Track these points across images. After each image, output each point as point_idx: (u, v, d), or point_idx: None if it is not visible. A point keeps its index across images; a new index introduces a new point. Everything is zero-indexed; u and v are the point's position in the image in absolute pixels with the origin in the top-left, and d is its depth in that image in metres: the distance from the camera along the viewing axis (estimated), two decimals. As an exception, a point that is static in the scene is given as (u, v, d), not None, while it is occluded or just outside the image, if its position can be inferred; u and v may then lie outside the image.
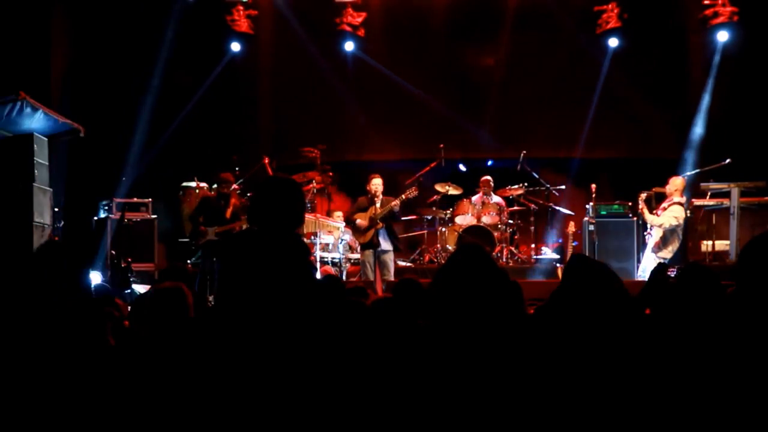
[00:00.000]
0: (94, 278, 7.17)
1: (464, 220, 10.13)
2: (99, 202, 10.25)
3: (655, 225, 8.88)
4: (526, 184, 10.46)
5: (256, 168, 10.66)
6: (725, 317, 2.55)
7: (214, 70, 11.66)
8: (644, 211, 9.02)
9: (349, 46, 11.85)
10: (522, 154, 10.55)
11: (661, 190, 9.28)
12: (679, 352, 2.43)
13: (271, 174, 10.49)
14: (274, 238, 3.15)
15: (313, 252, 9.71)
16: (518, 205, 10.52)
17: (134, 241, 9.67)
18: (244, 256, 3.16)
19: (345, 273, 9.68)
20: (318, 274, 9.26)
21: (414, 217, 10.85)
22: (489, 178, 10.46)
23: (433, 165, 10.60)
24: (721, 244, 9.56)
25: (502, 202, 10.36)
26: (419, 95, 11.88)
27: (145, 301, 3.57)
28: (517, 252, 10.23)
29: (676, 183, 9.04)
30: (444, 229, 10.42)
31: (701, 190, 9.81)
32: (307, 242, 9.72)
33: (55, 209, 8.98)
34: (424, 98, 11.89)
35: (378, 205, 8.94)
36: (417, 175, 10.30)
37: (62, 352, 2.99)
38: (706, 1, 10.96)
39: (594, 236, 9.54)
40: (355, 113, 12.06)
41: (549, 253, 10.58)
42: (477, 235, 9.61)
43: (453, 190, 10.44)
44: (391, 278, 8.72)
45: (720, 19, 10.86)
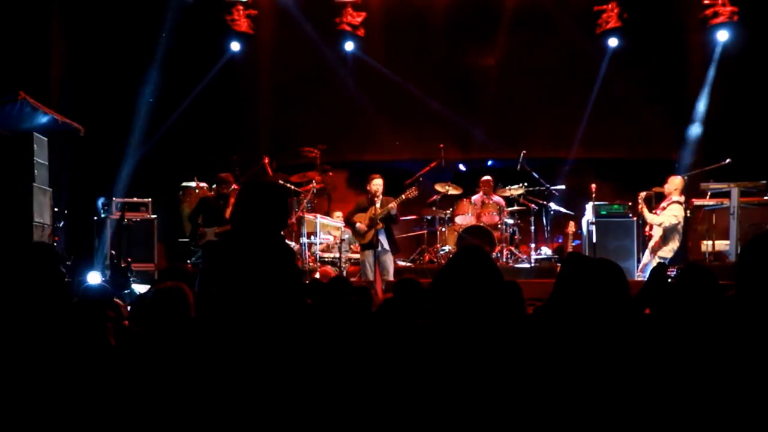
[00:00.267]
0: (94, 278, 7.16)
1: (464, 220, 10.13)
2: (99, 202, 10.25)
3: (655, 224, 8.91)
4: (526, 184, 10.46)
5: (256, 168, 10.65)
6: (725, 317, 2.55)
7: (213, 70, 11.66)
8: (644, 211, 9.05)
9: (349, 46, 11.85)
10: (522, 154, 10.54)
11: (660, 190, 9.29)
12: (679, 352, 2.43)
13: (270, 174, 10.49)
14: (258, 242, 3.15)
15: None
16: (518, 205, 10.52)
17: (134, 241, 9.67)
18: (228, 260, 3.15)
19: (345, 273, 9.67)
20: (317, 274, 9.27)
21: (414, 217, 10.85)
22: (489, 178, 10.46)
23: (433, 165, 10.60)
24: (721, 244, 9.54)
25: (502, 202, 10.36)
26: (419, 95, 11.88)
27: (146, 301, 3.57)
28: (517, 252, 10.23)
29: (675, 182, 9.06)
30: (444, 229, 10.42)
31: (701, 190, 9.81)
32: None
33: (55, 209, 8.98)
34: (424, 98, 11.89)
35: (378, 205, 8.95)
36: (417, 175, 10.30)
37: (63, 353, 2.99)
38: (706, 1, 10.96)
39: (594, 236, 9.53)
40: (355, 113, 12.06)
41: (549, 252, 10.58)
42: (477, 235, 9.61)
43: (453, 190, 10.44)
44: (391, 278, 8.73)
45: (720, 19, 10.86)
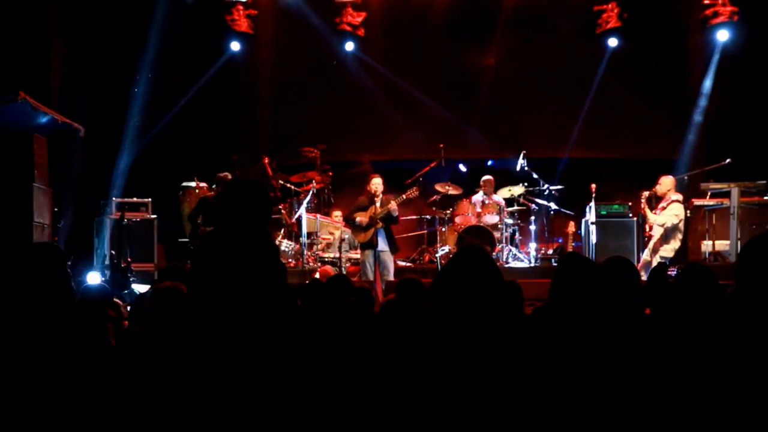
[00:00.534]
0: (94, 278, 7.16)
1: (464, 220, 10.13)
2: (99, 202, 10.25)
3: (657, 224, 8.88)
4: (526, 184, 10.46)
5: (256, 168, 10.65)
6: (724, 317, 2.55)
7: (213, 70, 11.66)
8: (646, 211, 9.02)
9: (349, 46, 11.85)
10: (522, 154, 10.54)
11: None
12: (679, 352, 2.42)
13: (270, 174, 10.49)
14: (241, 239, 3.15)
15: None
16: (518, 205, 10.52)
17: (134, 241, 9.67)
18: (214, 256, 3.16)
19: (345, 273, 9.67)
20: (317, 274, 9.27)
21: (414, 217, 10.85)
22: (491, 178, 10.46)
23: (433, 165, 10.60)
24: (721, 244, 9.54)
25: (502, 202, 10.36)
26: (419, 95, 11.88)
27: (145, 301, 3.57)
28: (517, 252, 10.22)
29: (668, 182, 9.04)
30: (444, 229, 10.42)
31: (701, 190, 9.80)
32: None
33: (55, 209, 8.98)
34: (424, 98, 11.90)
35: (378, 204, 8.95)
36: (417, 175, 10.30)
37: (63, 353, 2.99)
38: (706, 1, 10.95)
39: (594, 236, 9.53)
40: (355, 113, 12.06)
41: (549, 253, 10.58)
42: (477, 235, 9.61)
43: (453, 190, 10.43)
44: (391, 278, 8.73)
45: (720, 19, 10.85)
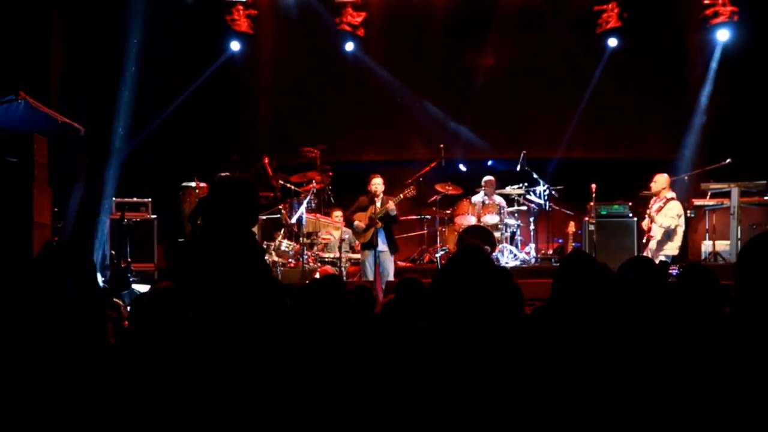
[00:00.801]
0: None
1: (464, 220, 10.12)
2: (99, 202, 10.25)
3: (665, 227, 8.76)
4: (526, 184, 10.46)
5: (256, 168, 10.65)
6: (725, 317, 2.55)
7: (212, 69, 11.66)
8: (653, 216, 8.88)
9: (349, 46, 11.84)
10: (522, 154, 10.54)
11: None
12: (679, 352, 2.42)
13: (270, 174, 10.49)
14: (227, 238, 3.15)
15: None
16: (518, 205, 10.52)
17: (134, 241, 9.66)
18: (199, 254, 3.15)
19: (345, 273, 9.67)
20: (317, 274, 9.27)
21: (414, 217, 10.84)
22: (491, 178, 10.45)
23: (433, 165, 10.60)
24: (721, 244, 9.55)
25: (503, 202, 10.35)
26: (419, 95, 11.88)
27: (144, 301, 3.57)
28: (517, 252, 10.22)
29: (663, 180, 8.96)
30: (444, 229, 10.42)
31: (701, 190, 9.80)
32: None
33: (55, 209, 8.98)
34: (424, 98, 11.89)
35: (378, 204, 8.97)
36: (417, 175, 10.29)
37: (63, 353, 2.99)
38: (706, 1, 10.94)
39: (594, 236, 9.53)
40: (355, 113, 12.06)
41: (549, 253, 10.58)
42: (477, 235, 9.60)
43: (453, 190, 10.43)
44: (391, 278, 8.74)
45: (720, 19, 10.84)
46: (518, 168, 10.53)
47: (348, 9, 11.60)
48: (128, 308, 4.91)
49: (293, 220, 9.88)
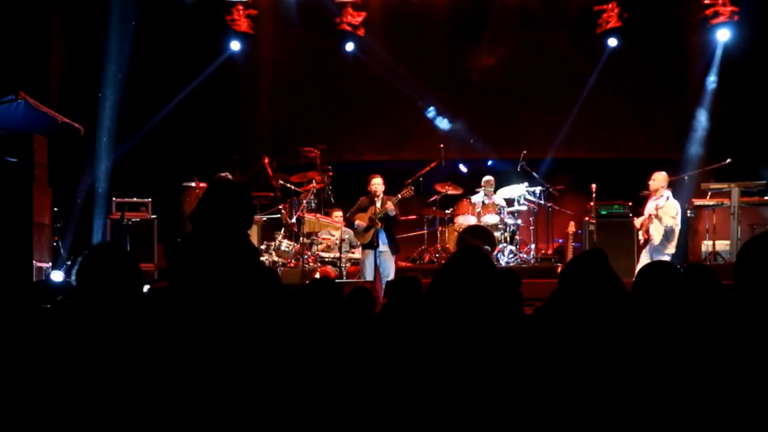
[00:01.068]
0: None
1: (464, 220, 10.12)
2: (99, 202, 10.25)
3: (668, 227, 8.72)
4: (526, 184, 10.46)
5: (256, 168, 10.65)
6: (726, 318, 2.54)
7: (211, 68, 11.66)
8: (659, 216, 8.84)
9: (349, 46, 11.84)
10: (522, 154, 10.54)
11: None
12: (680, 353, 2.42)
13: (270, 174, 10.48)
14: (221, 241, 3.14)
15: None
16: (518, 205, 10.51)
17: (134, 241, 9.66)
18: (192, 258, 3.14)
19: (345, 273, 9.67)
20: (317, 274, 9.26)
21: (414, 217, 10.84)
22: (491, 178, 10.44)
23: (433, 165, 10.60)
24: (721, 244, 9.55)
25: (503, 202, 10.35)
26: (419, 95, 11.88)
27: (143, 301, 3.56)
28: (517, 252, 10.22)
29: (661, 178, 8.84)
30: (444, 229, 10.41)
31: (701, 190, 9.80)
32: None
33: (55, 209, 8.99)
34: (424, 98, 11.89)
35: (378, 204, 8.97)
36: (417, 175, 10.29)
37: (62, 352, 2.99)
38: (707, 1, 10.94)
39: (594, 236, 9.53)
40: (355, 113, 12.06)
41: (549, 253, 10.58)
42: (477, 235, 9.60)
43: (453, 190, 10.43)
44: (392, 278, 8.72)
45: (720, 19, 10.84)
46: (518, 168, 10.54)
47: (348, 9, 11.59)
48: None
49: (293, 220, 9.88)
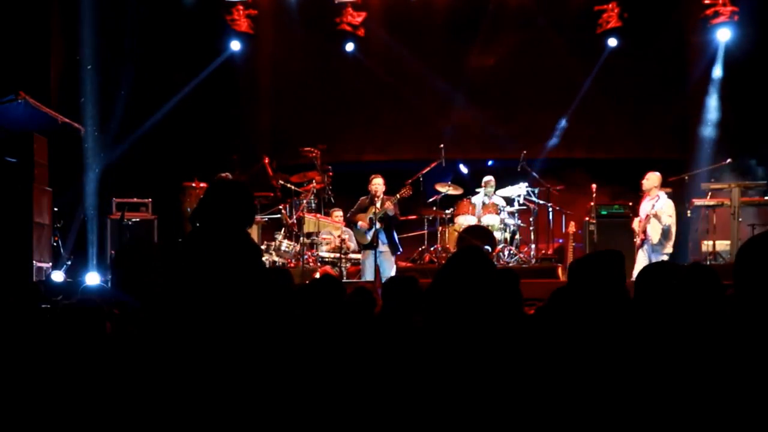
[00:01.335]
0: (93, 279, 7.16)
1: (465, 220, 10.11)
2: (99, 202, 10.24)
3: (666, 226, 8.73)
4: (527, 184, 10.45)
5: (256, 168, 10.64)
6: (726, 318, 2.54)
7: (211, 68, 11.66)
8: (658, 215, 8.85)
9: (349, 46, 11.83)
10: (522, 154, 10.54)
11: (663, 190, 9.23)
12: (682, 353, 2.42)
13: (271, 174, 10.48)
14: (223, 239, 3.14)
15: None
16: (518, 205, 10.51)
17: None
18: (193, 257, 3.14)
19: (345, 273, 9.67)
20: (317, 275, 9.26)
21: (414, 217, 10.83)
22: (491, 178, 10.44)
23: (433, 165, 10.59)
24: (721, 244, 9.54)
25: (503, 202, 10.35)
26: (419, 95, 11.88)
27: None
28: (517, 252, 10.21)
29: (655, 178, 8.86)
30: (444, 229, 10.41)
31: (701, 190, 9.80)
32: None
33: (55, 209, 8.98)
34: (424, 98, 11.89)
35: (378, 205, 8.97)
36: (417, 175, 10.27)
37: (61, 352, 2.99)
38: (707, 1, 10.93)
39: (594, 236, 9.53)
40: (356, 113, 12.05)
41: (549, 253, 10.57)
42: (477, 235, 9.60)
43: (453, 190, 10.42)
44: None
45: (720, 19, 10.83)
46: (518, 168, 10.54)
47: (348, 9, 11.59)
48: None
49: (293, 220, 9.88)
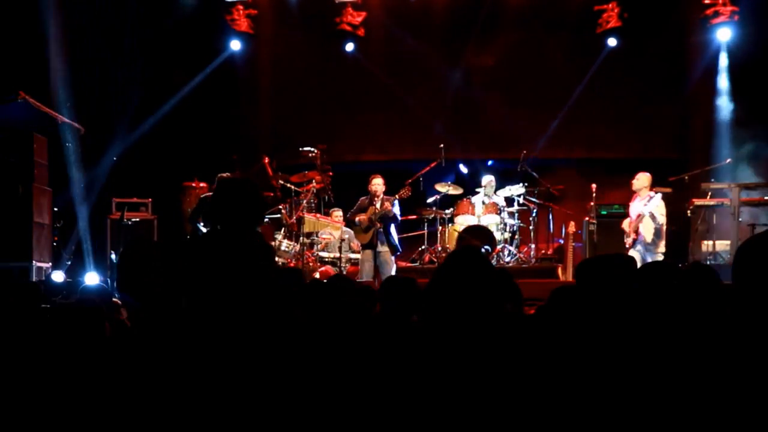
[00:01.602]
0: (92, 279, 7.16)
1: (464, 220, 10.11)
2: (99, 202, 10.24)
3: (659, 224, 8.77)
4: (527, 184, 10.46)
5: (256, 168, 10.64)
6: (726, 318, 2.54)
7: (211, 68, 11.67)
8: (653, 214, 8.87)
9: (349, 46, 11.83)
10: (522, 154, 10.54)
11: (663, 190, 9.23)
12: (682, 354, 2.42)
13: (270, 174, 10.48)
14: (235, 238, 3.14)
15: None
16: (518, 205, 10.51)
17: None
18: (207, 256, 3.14)
19: (345, 273, 9.66)
20: (317, 274, 9.27)
21: (414, 217, 10.84)
22: (491, 178, 10.44)
23: (433, 165, 10.59)
24: (721, 244, 9.54)
25: (503, 202, 10.35)
26: (419, 95, 11.88)
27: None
28: (517, 252, 10.21)
29: (645, 178, 8.89)
30: (444, 229, 10.41)
31: (701, 190, 9.80)
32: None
33: (55, 209, 8.98)
34: (424, 98, 11.89)
35: (377, 205, 8.97)
36: (417, 175, 10.28)
37: (60, 352, 2.99)
38: (707, 1, 10.93)
39: (594, 236, 9.53)
40: (356, 113, 12.05)
41: (549, 253, 10.57)
42: (477, 235, 9.59)
43: (453, 190, 10.42)
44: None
45: (720, 19, 10.83)
46: (518, 168, 10.54)
47: (348, 9, 11.59)
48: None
49: (293, 220, 9.88)
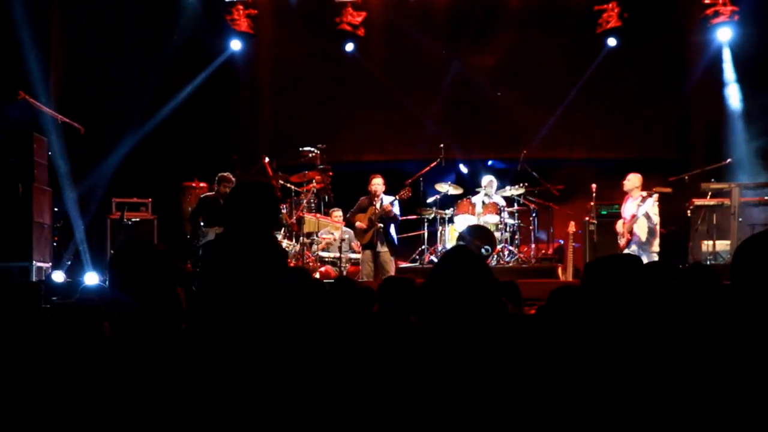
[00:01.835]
0: (92, 279, 7.16)
1: (464, 220, 10.11)
2: (99, 202, 10.24)
3: (653, 224, 8.82)
4: (527, 184, 10.46)
5: (256, 168, 10.64)
6: (726, 318, 2.54)
7: (211, 68, 11.67)
8: (649, 215, 8.88)
9: (349, 46, 11.83)
10: (522, 154, 10.54)
11: (663, 190, 9.24)
12: (682, 354, 2.41)
13: (270, 174, 10.48)
14: (250, 242, 3.14)
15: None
16: (518, 205, 10.51)
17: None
18: (223, 259, 3.15)
19: (345, 273, 9.66)
20: (317, 274, 9.27)
21: (414, 217, 10.84)
22: (491, 178, 10.44)
23: (433, 165, 10.59)
24: (722, 244, 9.54)
25: (503, 202, 10.35)
26: (419, 95, 11.88)
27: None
28: (517, 252, 10.21)
29: (635, 179, 9.02)
30: (444, 229, 10.41)
31: (701, 190, 9.80)
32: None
33: (55, 209, 8.98)
34: (424, 98, 11.89)
35: (378, 205, 8.97)
36: (417, 175, 10.28)
37: (59, 352, 2.98)
38: (707, 1, 10.93)
39: (594, 236, 9.53)
40: (355, 113, 12.05)
41: (549, 252, 10.57)
42: (477, 235, 9.59)
43: (453, 190, 10.42)
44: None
45: (720, 19, 10.83)
46: (518, 168, 10.54)
47: (348, 9, 11.59)
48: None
49: (293, 220, 9.88)
